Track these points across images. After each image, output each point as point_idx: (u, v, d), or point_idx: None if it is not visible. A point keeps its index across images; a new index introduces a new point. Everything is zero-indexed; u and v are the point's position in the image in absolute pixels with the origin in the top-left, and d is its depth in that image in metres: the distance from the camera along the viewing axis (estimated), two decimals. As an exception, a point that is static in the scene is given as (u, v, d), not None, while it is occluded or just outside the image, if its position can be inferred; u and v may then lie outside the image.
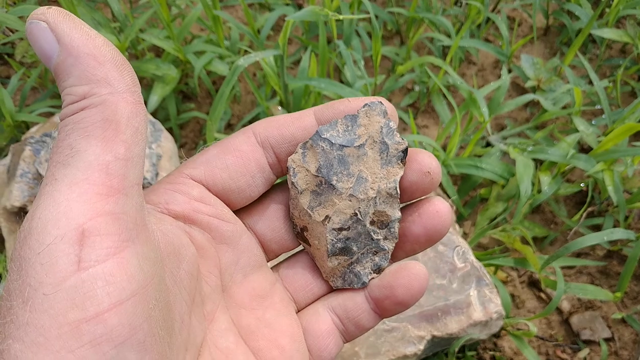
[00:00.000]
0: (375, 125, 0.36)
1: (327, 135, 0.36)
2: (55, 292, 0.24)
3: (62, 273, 0.24)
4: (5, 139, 1.06)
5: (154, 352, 0.26)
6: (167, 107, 1.10)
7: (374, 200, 0.36)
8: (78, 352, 0.24)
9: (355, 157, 0.36)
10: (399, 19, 1.32)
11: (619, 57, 1.30)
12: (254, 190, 0.37)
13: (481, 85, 1.27)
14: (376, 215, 0.37)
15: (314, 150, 0.36)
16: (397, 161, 0.36)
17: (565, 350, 0.90)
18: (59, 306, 0.24)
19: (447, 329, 0.80)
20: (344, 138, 0.36)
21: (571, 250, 0.82)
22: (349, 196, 0.36)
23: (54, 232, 0.25)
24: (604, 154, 0.94)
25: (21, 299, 0.24)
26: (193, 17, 1.11)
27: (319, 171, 0.36)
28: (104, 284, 0.25)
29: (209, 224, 0.35)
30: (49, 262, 0.24)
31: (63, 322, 0.24)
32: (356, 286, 0.38)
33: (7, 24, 0.98)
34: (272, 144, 0.36)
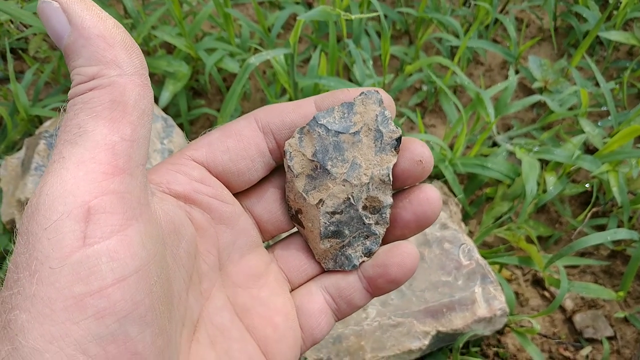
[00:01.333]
0: (371, 113, 0.37)
1: (324, 122, 0.37)
2: (61, 266, 0.25)
3: (68, 248, 0.25)
4: (19, 133, 1.08)
5: (155, 326, 0.27)
6: (178, 103, 1.12)
7: (367, 186, 0.38)
8: (82, 324, 0.25)
9: (350, 143, 0.37)
10: (407, 19, 1.33)
11: (626, 59, 1.31)
12: (253, 174, 0.38)
13: (488, 85, 1.28)
14: (368, 201, 0.38)
15: (310, 135, 0.37)
16: (390, 149, 0.37)
17: (567, 348, 0.91)
18: (64, 280, 0.25)
19: (451, 325, 0.81)
20: (340, 125, 0.37)
21: (575, 249, 0.83)
22: (343, 181, 0.37)
23: (60, 208, 0.25)
24: (609, 155, 0.95)
25: (28, 272, 0.25)
26: (204, 14, 1.12)
27: (315, 156, 0.37)
28: (108, 259, 0.25)
29: (209, 204, 0.36)
30: (55, 237, 0.25)
31: (68, 295, 0.25)
32: (347, 268, 0.40)
33: (22, 19, 0.99)
34: (273, 129, 0.37)
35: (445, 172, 0.97)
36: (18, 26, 1.28)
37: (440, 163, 0.98)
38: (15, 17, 0.98)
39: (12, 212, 0.93)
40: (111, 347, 0.25)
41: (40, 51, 1.24)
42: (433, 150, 1.02)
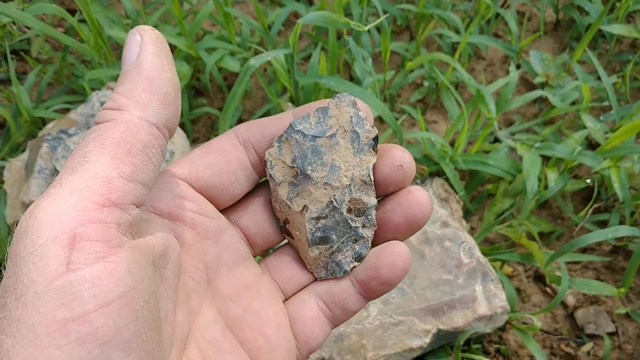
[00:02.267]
0: (345, 115, 0.37)
1: (300, 128, 0.37)
2: (45, 291, 0.25)
3: (52, 273, 0.25)
4: (22, 135, 1.08)
5: (140, 351, 0.27)
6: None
7: (349, 188, 0.38)
8: (65, 349, 0.25)
9: (328, 146, 0.37)
10: (408, 15, 1.32)
11: (629, 52, 1.30)
12: (237, 188, 0.38)
13: (490, 80, 1.28)
14: (352, 203, 0.38)
15: (288, 142, 0.37)
16: (368, 149, 0.37)
17: (569, 344, 0.92)
18: (48, 305, 0.25)
19: (452, 323, 0.81)
20: (316, 129, 0.37)
21: (576, 247, 0.83)
22: (324, 184, 0.38)
23: (47, 233, 0.26)
24: (611, 150, 0.95)
25: (14, 296, 0.25)
26: (204, 13, 1.12)
27: (294, 162, 0.37)
28: (90, 285, 0.26)
29: (193, 220, 0.37)
30: (40, 261, 0.26)
31: (52, 320, 0.25)
32: (338, 275, 0.40)
33: (23, 22, 1.00)
34: (253, 142, 0.38)
35: (446, 169, 0.97)
36: (20, 27, 1.28)
37: (441, 160, 0.98)
38: (17, 19, 0.98)
39: (17, 214, 0.94)
40: None
41: (42, 52, 1.24)
42: (434, 147, 1.02)
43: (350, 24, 0.81)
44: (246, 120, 1.18)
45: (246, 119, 1.19)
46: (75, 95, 1.16)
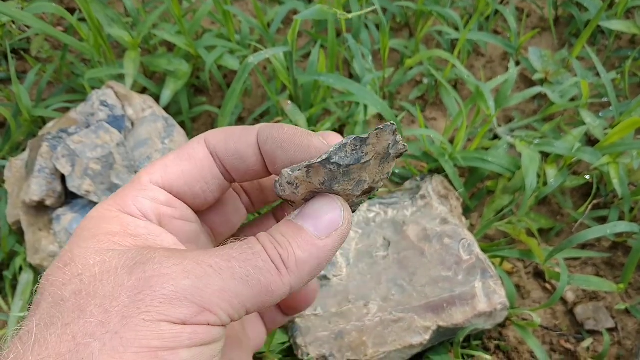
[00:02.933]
0: (384, 143, 0.37)
1: (336, 159, 0.36)
2: (154, 325, 0.28)
3: (167, 319, 0.29)
4: (23, 134, 1.09)
5: None
6: (179, 101, 1.12)
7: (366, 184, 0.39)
8: None
9: (359, 169, 0.37)
10: (407, 12, 1.32)
11: (628, 48, 1.30)
12: (209, 196, 0.39)
13: (489, 77, 1.28)
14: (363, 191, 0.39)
15: (321, 169, 0.36)
16: (392, 159, 0.38)
17: (569, 340, 0.92)
18: (148, 333, 0.28)
19: (452, 319, 0.82)
20: (352, 157, 0.36)
21: (575, 243, 0.83)
22: (345, 193, 0.38)
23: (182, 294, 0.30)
24: (610, 147, 0.95)
25: (122, 314, 0.28)
26: (204, 12, 1.12)
27: (323, 184, 0.37)
28: (190, 336, 0.29)
29: (176, 226, 0.38)
30: (164, 307, 0.29)
31: (145, 345, 0.28)
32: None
33: (23, 21, 1.00)
34: (219, 154, 0.39)
35: (446, 166, 0.97)
36: (20, 26, 1.29)
37: (440, 157, 0.98)
38: (16, 18, 0.98)
39: (18, 214, 0.94)
40: None
41: (42, 51, 1.25)
42: (433, 145, 1.02)
43: (337, 14, 0.83)
44: (246, 119, 1.19)
45: (246, 117, 1.19)
46: (75, 94, 1.16)
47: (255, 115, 1.13)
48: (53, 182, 0.89)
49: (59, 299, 0.30)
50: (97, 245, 0.33)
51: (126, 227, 0.34)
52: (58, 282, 0.31)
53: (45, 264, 0.89)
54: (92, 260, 0.31)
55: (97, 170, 0.87)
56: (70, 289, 0.30)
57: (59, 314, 0.29)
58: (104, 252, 0.32)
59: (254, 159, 0.38)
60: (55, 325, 0.28)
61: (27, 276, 0.92)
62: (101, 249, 0.32)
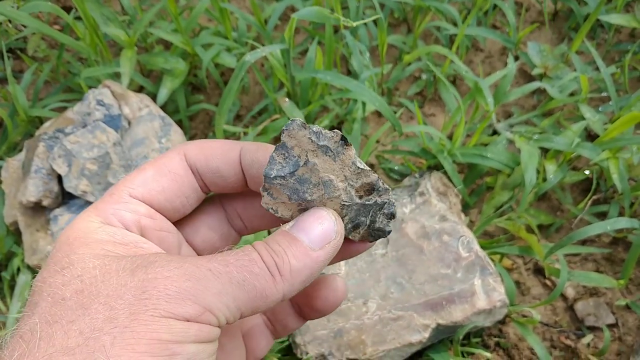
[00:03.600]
0: (303, 139, 0.37)
1: (274, 173, 0.37)
2: (163, 321, 0.29)
3: (175, 316, 0.30)
4: (19, 134, 1.08)
5: None
6: (177, 100, 1.12)
7: (349, 185, 0.39)
8: (157, 358, 0.28)
9: (309, 172, 0.38)
10: (405, 7, 1.32)
11: (628, 42, 1.29)
12: (187, 209, 0.40)
13: (488, 72, 1.27)
14: (359, 191, 0.39)
15: (274, 188, 0.38)
16: (342, 149, 0.38)
17: (569, 336, 0.92)
18: (158, 327, 0.29)
19: (451, 317, 0.81)
20: (288, 166, 0.37)
21: (575, 239, 0.83)
22: (327, 199, 0.39)
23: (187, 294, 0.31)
24: (610, 142, 0.94)
25: (129, 311, 0.29)
26: (200, 9, 1.12)
27: (291, 199, 0.38)
28: (196, 333, 0.30)
29: (158, 237, 0.38)
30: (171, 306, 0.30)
31: (156, 337, 0.29)
32: (384, 236, 0.41)
33: (19, 20, 1.00)
34: (199, 170, 0.39)
35: (444, 163, 0.97)
36: (16, 26, 1.28)
37: (439, 153, 0.98)
38: (12, 18, 0.98)
39: (15, 214, 0.94)
40: None
41: (38, 50, 1.24)
42: (432, 141, 1.02)
43: (340, 20, 0.81)
44: (244, 116, 1.18)
45: (243, 115, 1.18)
46: (71, 94, 1.16)
47: (253, 113, 1.13)
48: (50, 183, 0.89)
49: (59, 298, 0.30)
50: (92, 251, 0.33)
51: (113, 237, 0.35)
52: (57, 283, 0.31)
53: (43, 264, 0.88)
54: (91, 263, 0.32)
55: (93, 170, 0.87)
56: (71, 289, 0.30)
57: (62, 312, 0.29)
58: (101, 257, 0.33)
59: (235, 177, 0.39)
60: (59, 323, 0.29)
61: (25, 277, 0.92)
62: (98, 254, 0.33)
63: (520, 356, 0.89)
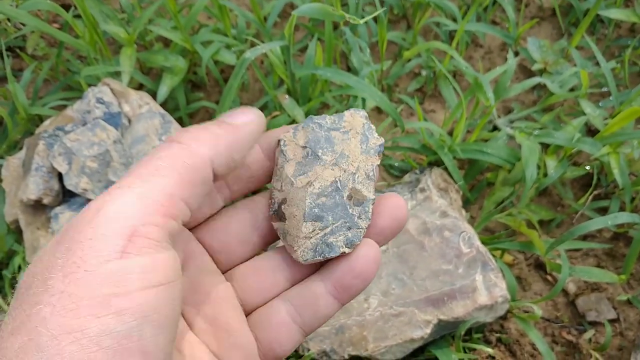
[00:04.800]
0: (358, 121, 0.41)
1: (317, 121, 0.41)
2: (96, 270, 0.28)
3: (106, 257, 0.28)
4: (19, 132, 1.08)
5: (167, 334, 0.30)
6: (177, 97, 1.12)
7: (353, 175, 0.40)
8: (103, 319, 0.27)
9: (340, 139, 0.41)
10: (405, 3, 1.31)
11: (628, 36, 1.29)
12: (197, 213, 0.40)
13: (488, 68, 1.27)
14: (353, 192, 0.40)
15: (304, 130, 0.41)
16: (374, 153, 0.41)
17: (570, 331, 0.92)
18: (96, 281, 0.27)
19: (453, 313, 0.81)
20: (332, 125, 0.41)
21: (575, 235, 0.83)
22: (332, 165, 0.40)
23: (111, 226, 0.29)
24: (610, 136, 0.94)
25: (61, 273, 0.28)
26: (199, 6, 1.11)
27: (307, 143, 0.40)
28: (139, 271, 0.29)
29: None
30: (97, 247, 0.28)
31: (96, 294, 0.27)
32: (328, 256, 0.39)
33: (18, 18, 0.99)
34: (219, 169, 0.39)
35: (445, 158, 0.97)
36: (15, 24, 1.28)
37: (439, 149, 0.98)
38: (11, 16, 0.98)
39: (15, 213, 0.94)
40: (124, 341, 0.27)
41: (38, 49, 1.24)
42: (432, 137, 1.01)
43: (345, 17, 0.80)
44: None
45: (244, 112, 1.18)
46: (71, 92, 1.16)
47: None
48: (50, 181, 0.88)
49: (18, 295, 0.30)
50: None
51: None
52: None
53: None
54: None
55: (94, 168, 0.87)
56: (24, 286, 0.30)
57: (15, 302, 0.29)
58: None
59: (257, 164, 0.41)
60: (11, 311, 0.29)
61: (26, 275, 0.92)
62: None
63: (521, 352, 0.89)
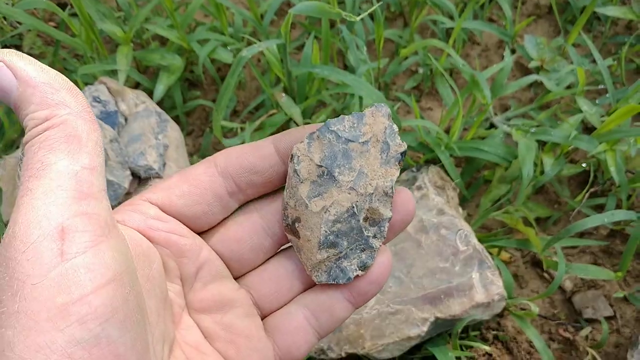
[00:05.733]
0: (380, 125, 0.38)
1: (335, 128, 0.38)
2: (42, 281, 0.26)
3: (47, 265, 0.27)
4: (16, 131, 1.08)
5: (133, 332, 0.29)
6: (173, 96, 1.12)
7: (371, 196, 0.38)
8: (66, 330, 0.26)
9: (359, 152, 0.38)
10: (402, 1, 1.31)
11: (625, 34, 1.29)
12: (210, 218, 0.40)
13: (485, 65, 1.27)
14: (369, 212, 0.38)
15: (320, 141, 0.37)
16: (395, 162, 0.38)
17: (567, 328, 0.92)
18: (46, 293, 0.26)
19: (450, 310, 0.82)
20: (350, 133, 0.38)
21: (572, 232, 0.83)
22: (349, 189, 0.37)
23: (36, 232, 0.27)
24: (607, 134, 0.94)
25: (10, 292, 0.26)
26: (196, 5, 1.11)
27: (323, 161, 0.37)
28: (85, 271, 0.27)
29: (166, 239, 0.38)
30: (34, 257, 0.27)
31: (51, 306, 0.26)
32: (341, 281, 0.39)
33: (14, 17, 0.99)
34: (232, 173, 0.39)
35: (442, 156, 0.97)
36: (11, 23, 1.28)
37: (436, 147, 0.98)
38: (7, 15, 0.98)
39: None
40: (95, 349, 0.27)
41: (34, 47, 1.24)
42: (429, 135, 1.01)
43: (342, 14, 0.80)
44: (240, 112, 1.18)
45: (240, 111, 1.18)
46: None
47: (250, 108, 1.13)
48: (47, 180, 0.88)
49: None
50: None
51: None
52: None
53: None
54: None
55: (90, 167, 0.87)
56: None
57: None
58: None
59: (271, 170, 0.39)
60: None
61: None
62: None
63: (518, 349, 0.89)
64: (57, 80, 0.31)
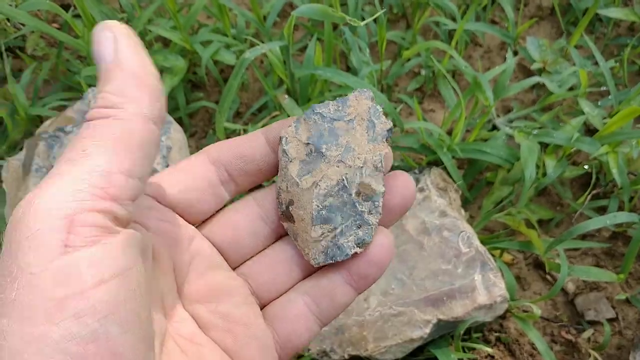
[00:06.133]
0: (364, 106, 0.39)
1: (320, 111, 0.39)
2: (41, 271, 0.26)
3: (49, 255, 0.26)
4: (19, 133, 1.08)
5: (136, 330, 0.28)
6: (176, 97, 1.12)
7: (361, 170, 0.38)
8: (62, 324, 0.25)
9: (344, 130, 0.39)
10: (404, 2, 1.31)
11: (627, 35, 1.29)
12: (204, 206, 0.40)
13: (487, 67, 1.27)
14: (361, 187, 0.38)
15: (306, 122, 0.39)
16: (382, 139, 0.39)
17: (569, 330, 0.92)
18: (45, 284, 0.26)
19: (452, 312, 0.82)
20: (335, 114, 0.39)
21: (574, 234, 0.83)
22: (337, 162, 0.38)
23: (45, 219, 0.27)
24: (609, 136, 0.95)
25: (9, 278, 0.26)
26: (199, 6, 1.11)
27: (310, 139, 0.38)
28: (88, 264, 0.27)
29: (158, 227, 0.37)
30: (36, 244, 0.26)
31: (49, 298, 0.25)
32: (339, 259, 0.39)
33: (17, 18, 0.99)
34: (224, 162, 0.39)
35: (444, 158, 0.97)
36: (15, 24, 1.28)
37: (438, 149, 0.98)
38: (10, 16, 0.98)
39: (16, 213, 0.94)
40: (91, 346, 0.26)
41: (37, 49, 1.24)
42: (431, 137, 1.02)
43: (345, 18, 0.80)
44: (243, 113, 1.18)
45: (243, 112, 1.19)
46: (71, 92, 1.16)
47: (252, 110, 1.13)
48: (50, 182, 0.89)
49: None
50: None
51: None
52: None
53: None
54: None
55: (94, 168, 0.87)
56: None
57: None
58: None
59: (264, 160, 0.40)
60: None
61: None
62: None
63: (521, 351, 0.89)
64: (147, 78, 0.31)
